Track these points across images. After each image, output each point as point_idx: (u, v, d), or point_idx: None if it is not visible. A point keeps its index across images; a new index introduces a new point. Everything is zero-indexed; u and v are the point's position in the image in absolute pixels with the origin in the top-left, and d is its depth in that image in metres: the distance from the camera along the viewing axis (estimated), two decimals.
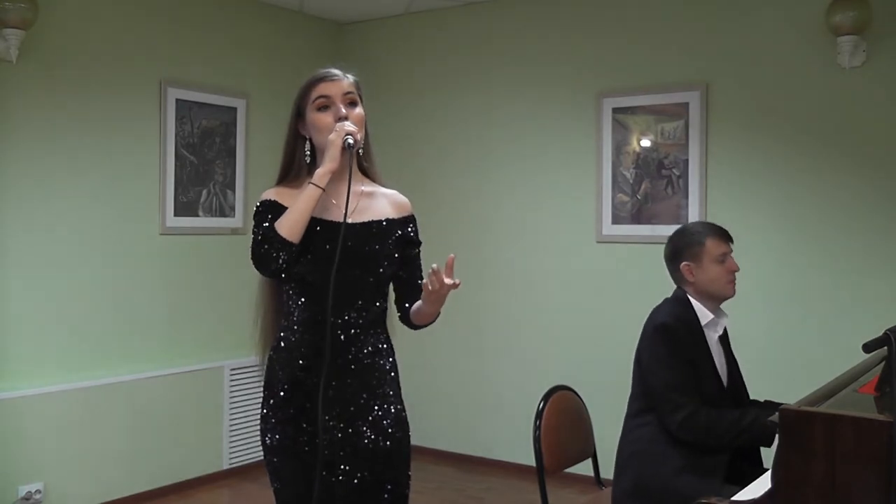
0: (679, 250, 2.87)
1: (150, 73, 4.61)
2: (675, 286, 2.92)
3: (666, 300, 2.90)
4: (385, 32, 5.63)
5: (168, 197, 4.69)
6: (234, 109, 5.03)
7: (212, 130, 4.92)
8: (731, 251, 2.87)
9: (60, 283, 4.23)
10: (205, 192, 4.88)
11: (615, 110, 4.75)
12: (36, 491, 4.01)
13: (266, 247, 2.06)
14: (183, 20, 4.79)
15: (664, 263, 2.94)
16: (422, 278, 2.28)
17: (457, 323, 5.25)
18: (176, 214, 4.73)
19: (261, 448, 2.22)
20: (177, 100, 4.72)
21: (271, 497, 2.22)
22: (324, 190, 2.08)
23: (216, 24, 4.98)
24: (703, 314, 2.82)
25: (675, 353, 2.70)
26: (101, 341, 4.39)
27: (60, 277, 4.23)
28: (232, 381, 4.91)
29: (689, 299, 2.83)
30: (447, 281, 2.01)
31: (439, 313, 2.21)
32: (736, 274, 2.87)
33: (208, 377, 4.81)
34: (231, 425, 4.91)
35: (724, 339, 2.94)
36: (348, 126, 2.11)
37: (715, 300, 2.85)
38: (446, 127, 5.39)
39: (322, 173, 2.08)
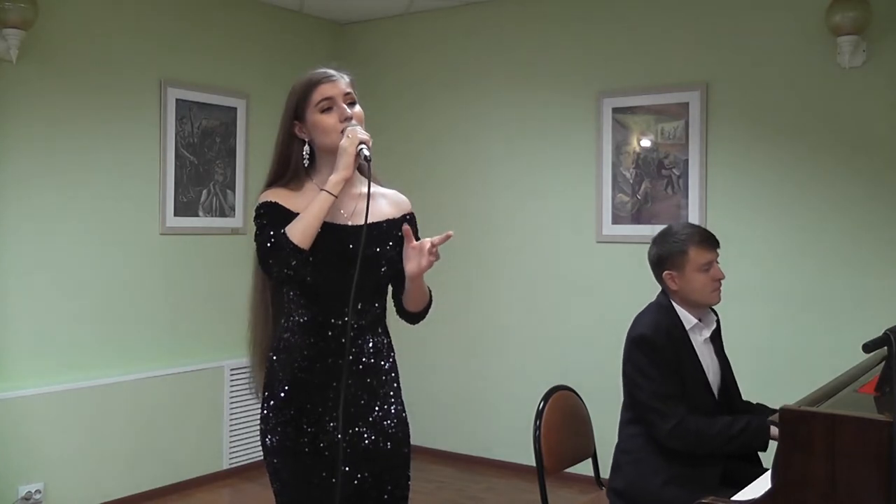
0: (662, 258, 2.78)
1: (150, 73, 4.61)
2: None
3: (649, 306, 2.84)
4: (385, 32, 5.63)
5: (168, 197, 4.69)
6: (234, 109, 5.03)
7: (212, 130, 4.92)
8: (717, 257, 2.78)
9: (60, 282, 4.23)
10: (205, 192, 4.88)
11: (615, 110, 4.75)
12: (36, 491, 4.01)
13: (277, 252, 2.04)
14: (183, 20, 4.79)
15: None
16: None
17: (457, 323, 5.25)
18: (176, 214, 4.73)
19: (261, 448, 2.22)
20: (177, 100, 4.72)
21: (271, 497, 2.22)
22: (336, 197, 2.07)
23: (216, 24, 4.98)
24: (688, 319, 2.77)
25: (656, 364, 2.66)
26: (101, 341, 4.39)
27: (60, 277, 4.23)
28: (232, 381, 4.91)
29: (672, 305, 2.78)
30: (434, 239, 2.07)
31: (429, 299, 2.24)
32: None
33: (208, 377, 4.81)
34: (231, 425, 4.91)
35: (717, 339, 2.90)
36: (361, 134, 2.10)
37: (699, 307, 2.80)
38: (446, 126, 5.39)
39: (336, 181, 2.06)
